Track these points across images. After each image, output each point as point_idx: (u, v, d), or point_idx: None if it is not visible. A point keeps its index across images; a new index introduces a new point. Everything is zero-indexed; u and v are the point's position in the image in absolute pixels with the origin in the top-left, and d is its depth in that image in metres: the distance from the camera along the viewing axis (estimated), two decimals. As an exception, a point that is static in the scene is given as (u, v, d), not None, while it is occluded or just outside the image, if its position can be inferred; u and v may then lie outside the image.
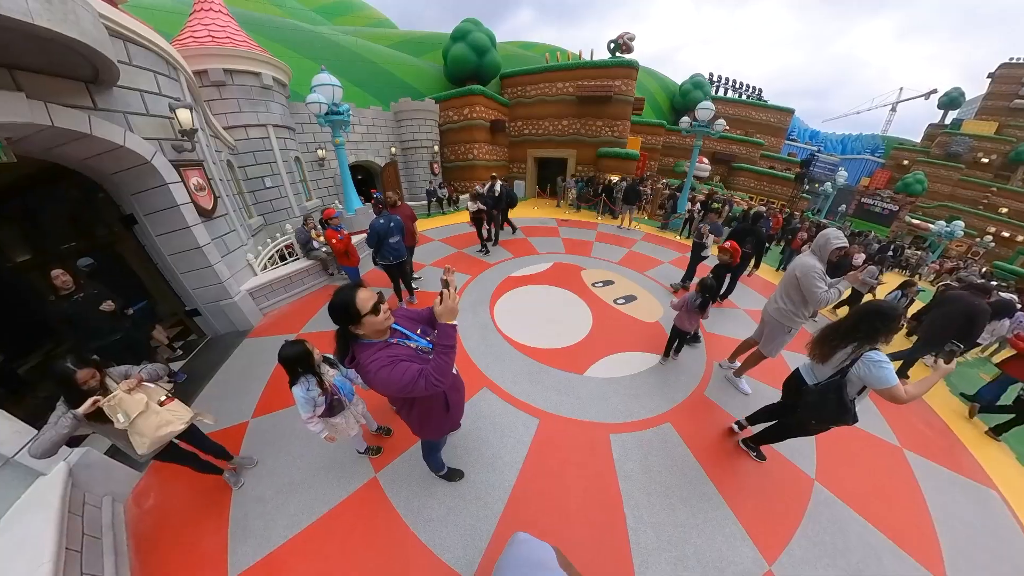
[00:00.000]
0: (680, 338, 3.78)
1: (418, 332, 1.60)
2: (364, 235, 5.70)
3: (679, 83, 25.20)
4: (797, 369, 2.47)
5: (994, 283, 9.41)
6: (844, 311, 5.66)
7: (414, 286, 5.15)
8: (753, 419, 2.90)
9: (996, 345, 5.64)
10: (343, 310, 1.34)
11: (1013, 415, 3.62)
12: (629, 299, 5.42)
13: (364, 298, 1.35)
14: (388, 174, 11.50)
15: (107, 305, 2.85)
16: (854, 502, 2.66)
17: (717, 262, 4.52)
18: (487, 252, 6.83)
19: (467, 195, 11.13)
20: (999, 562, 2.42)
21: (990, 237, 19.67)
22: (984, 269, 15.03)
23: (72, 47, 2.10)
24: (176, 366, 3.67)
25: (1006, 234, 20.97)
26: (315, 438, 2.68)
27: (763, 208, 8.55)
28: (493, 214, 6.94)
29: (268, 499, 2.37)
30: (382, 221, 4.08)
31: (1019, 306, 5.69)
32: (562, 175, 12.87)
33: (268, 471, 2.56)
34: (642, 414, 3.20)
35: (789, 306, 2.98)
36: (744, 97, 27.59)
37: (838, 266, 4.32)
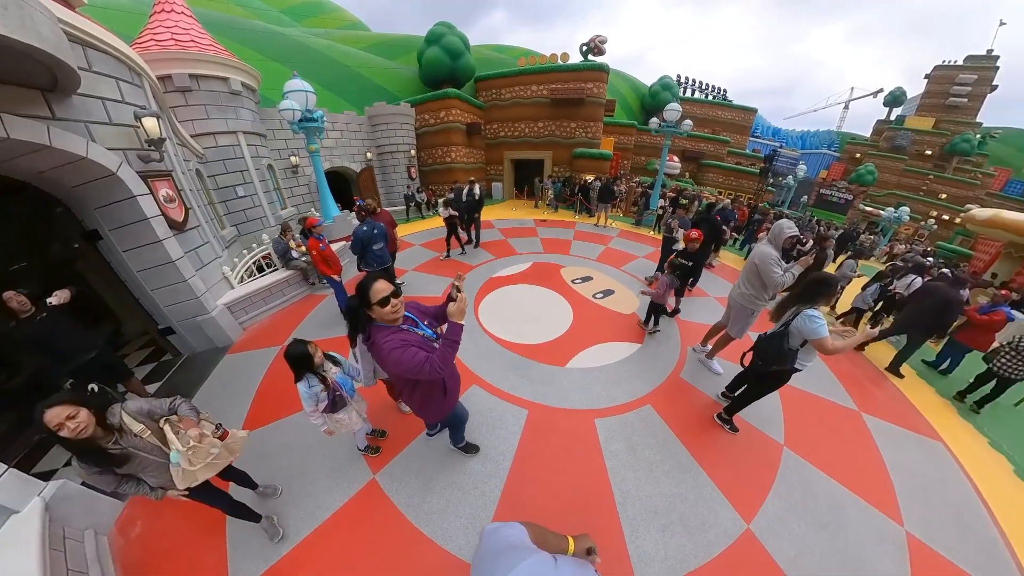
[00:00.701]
0: (657, 310, 4.33)
1: (425, 323, 1.77)
2: (344, 242, 5.65)
3: (649, 85, 26.06)
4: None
5: (930, 260, 10.45)
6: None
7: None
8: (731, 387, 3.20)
9: None
10: (360, 293, 1.55)
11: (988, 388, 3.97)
12: (607, 293, 5.64)
13: (378, 289, 1.54)
14: (364, 180, 11.31)
15: (57, 296, 2.57)
16: (819, 462, 2.92)
17: (683, 248, 4.85)
18: (461, 253, 6.93)
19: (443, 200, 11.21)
20: (945, 503, 2.74)
21: (932, 220, 21.46)
22: (928, 249, 16.41)
23: (30, 54, 2.04)
24: (151, 388, 3.51)
25: (946, 217, 22.92)
26: (309, 448, 2.72)
27: (728, 201, 9.05)
28: (475, 217, 7.05)
29: (267, 513, 2.33)
30: (365, 228, 4.08)
31: (953, 274, 6.51)
32: (539, 176, 13.08)
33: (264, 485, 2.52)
34: (624, 399, 3.37)
35: (751, 290, 3.24)
36: (710, 97, 28.85)
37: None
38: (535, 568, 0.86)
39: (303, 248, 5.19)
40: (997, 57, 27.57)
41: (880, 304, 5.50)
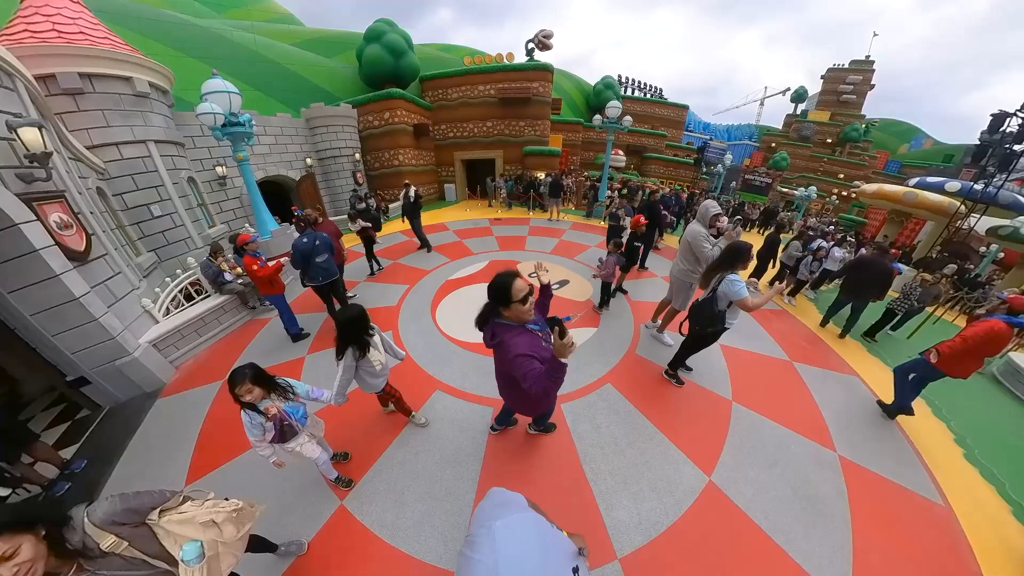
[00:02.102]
0: (608, 291, 4.80)
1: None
2: (286, 259, 5.22)
3: (593, 84, 27.18)
4: None
5: (831, 227, 12.30)
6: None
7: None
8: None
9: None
10: (502, 292, 1.60)
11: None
12: (562, 284, 5.84)
13: (519, 288, 1.59)
14: (305, 188, 10.50)
15: None
16: (763, 410, 3.29)
17: (631, 232, 5.19)
18: (380, 269, 6.35)
19: (396, 203, 10.82)
20: (866, 426, 3.26)
21: (834, 196, 25.04)
22: (833, 220, 19.07)
23: None
24: (68, 453, 2.96)
25: (844, 193, 26.73)
26: (266, 485, 2.50)
27: (668, 189, 9.84)
28: (415, 221, 6.90)
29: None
30: (306, 240, 3.85)
31: (851, 239, 8.47)
32: (491, 175, 13.11)
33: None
34: (585, 381, 3.53)
35: (687, 266, 3.58)
36: (648, 95, 30.68)
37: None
38: (527, 522, 0.89)
39: (238, 270, 4.74)
40: (873, 61, 33.29)
41: (816, 274, 6.09)
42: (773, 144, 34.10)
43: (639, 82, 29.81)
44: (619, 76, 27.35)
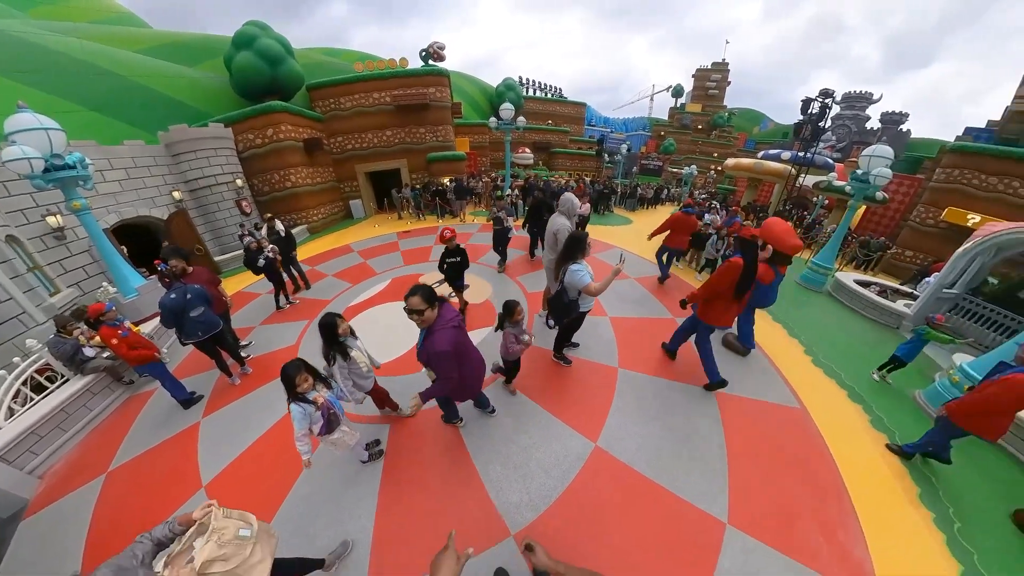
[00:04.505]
0: (515, 365, 3.37)
1: None
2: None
3: (495, 86, 27.88)
4: None
5: (704, 196, 15.50)
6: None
7: (244, 354, 4.52)
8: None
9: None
10: (430, 297, 2.09)
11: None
12: (440, 283, 5.74)
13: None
14: (178, 227, 8.87)
15: None
16: (647, 368, 3.69)
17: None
18: (289, 303, 6.03)
19: (300, 229, 9.95)
20: (737, 357, 3.83)
21: (712, 171, 29.85)
22: (713, 191, 22.97)
23: None
24: None
25: (719, 168, 31.86)
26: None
27: (563, 182, 10.82)
28: (291, 256, 6.36)
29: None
30: (174, 296, 3.48)
31: (716, 204, 10.12)
32: (397, 187, 12.82)
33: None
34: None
35: (554, 255, 3.93)
36: (549, 95, 32.45)
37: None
38: None
39: (97, 339, 4.09)
40: (728, 63, 42.18)
41: (721, 252, 6.13)
42: (662, 132, 39.46)
43: (540, 83, 31.53)
44: (520, 78, 28.69)
